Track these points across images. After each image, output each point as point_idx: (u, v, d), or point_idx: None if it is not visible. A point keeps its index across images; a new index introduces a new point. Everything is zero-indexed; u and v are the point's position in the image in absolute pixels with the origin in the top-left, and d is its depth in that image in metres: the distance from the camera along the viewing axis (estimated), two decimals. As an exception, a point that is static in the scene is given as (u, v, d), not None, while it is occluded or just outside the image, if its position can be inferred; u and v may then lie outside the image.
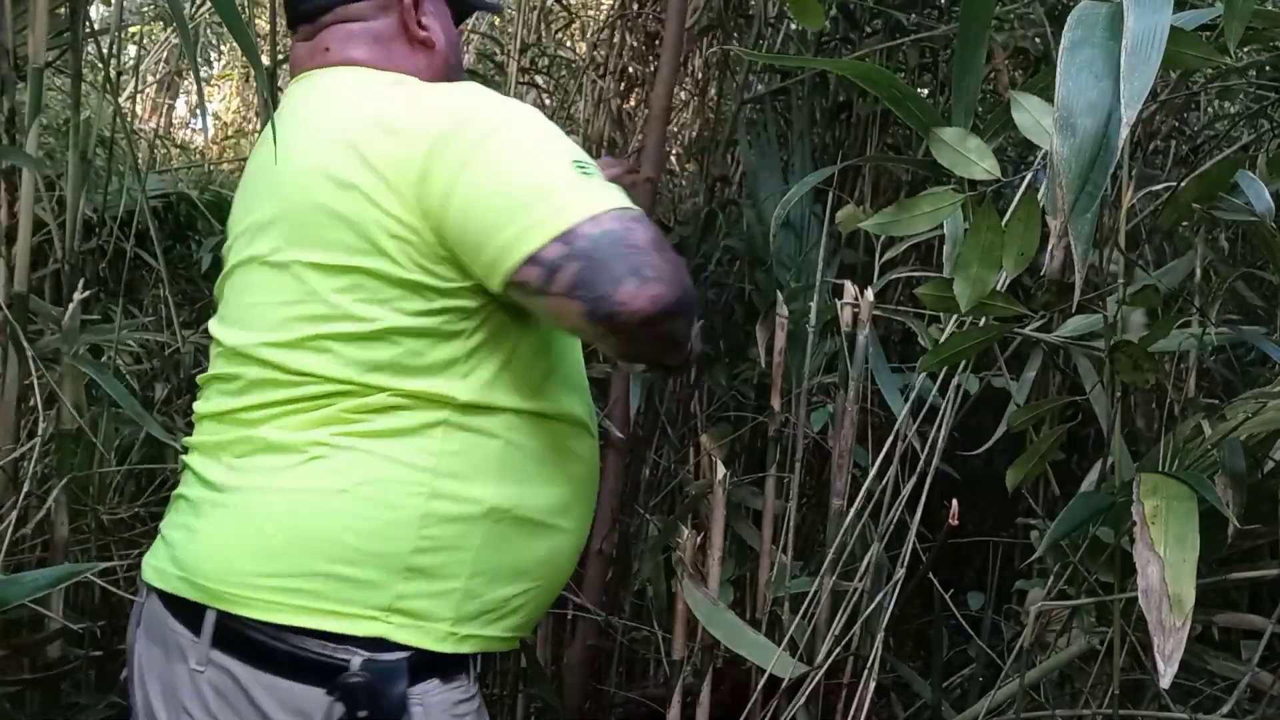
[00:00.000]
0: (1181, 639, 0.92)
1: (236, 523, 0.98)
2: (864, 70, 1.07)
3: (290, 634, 0.93)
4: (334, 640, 0.93)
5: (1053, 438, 1.37)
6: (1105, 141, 0.75)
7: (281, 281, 1.00)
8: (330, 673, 0.93)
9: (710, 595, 1.62)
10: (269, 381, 0.99)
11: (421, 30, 1.15)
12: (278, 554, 0.95)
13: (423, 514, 0.96)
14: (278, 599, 0.94)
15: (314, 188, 0.98)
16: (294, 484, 0.96)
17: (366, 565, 0.94)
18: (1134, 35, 0.72)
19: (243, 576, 0.95)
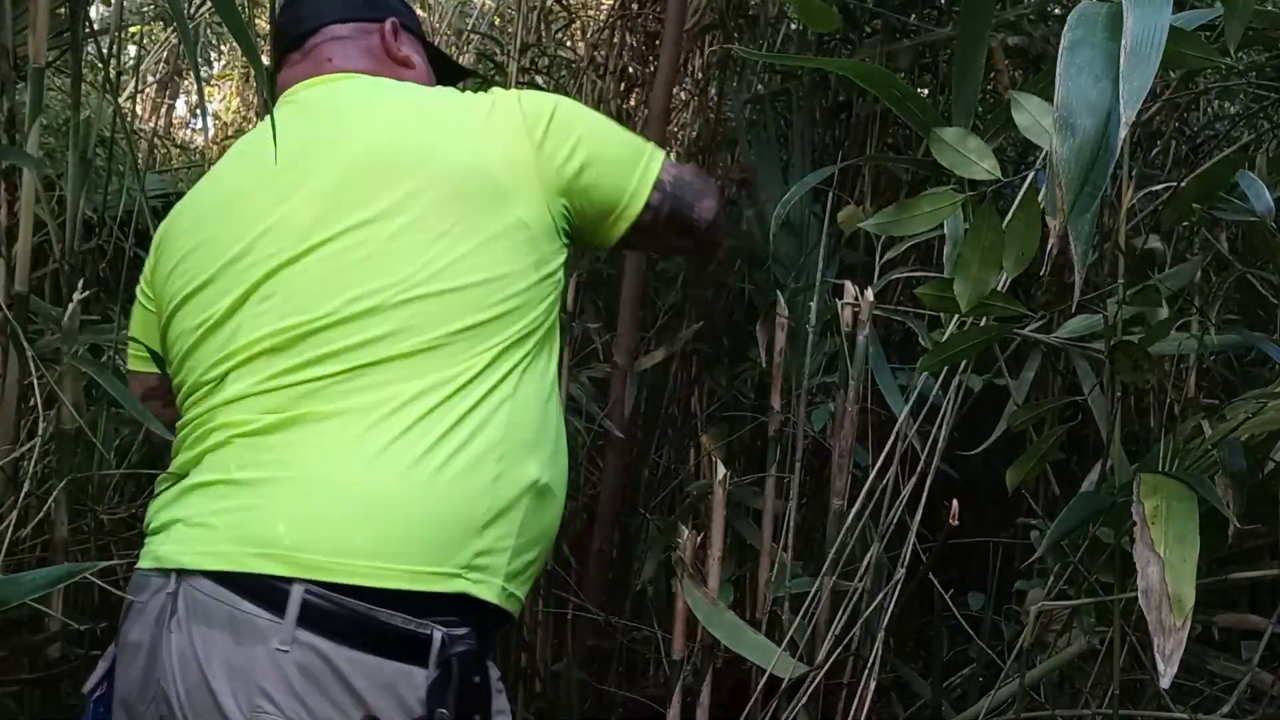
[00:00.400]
0: (1181, 639, 0.92)
1: (323, 493, 0.99)
2: (864, 70, 1.06)
3: (379, 607, 0.95)
4: (418, 614, 0.96)
5: (1053, 438, 1.37)
6: (1105, 141, 0.74)
7: (394, 244, 1.05)
8: (416, 646, 0.96)
9: (710, 595, 1.62)
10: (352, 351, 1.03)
11: (400, 51, 1.30)
12: (372, 519, 0.97)
13: (495, 477, 1.03)
14: (374, 564, 0.96)
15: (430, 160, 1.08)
16: (379, 451, 0.99)
17: (453, 527, 0.99)
18: (1133, 35, 0.72)
19: (337, 544, 0.96)
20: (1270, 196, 1.19)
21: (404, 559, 0.97)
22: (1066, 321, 1.44)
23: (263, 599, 0.96)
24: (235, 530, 1.00)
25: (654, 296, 2.56)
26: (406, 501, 0.98)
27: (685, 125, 3.10)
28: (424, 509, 0.99)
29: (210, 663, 0.96)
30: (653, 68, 2.81)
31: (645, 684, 2.34)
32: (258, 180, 1.14)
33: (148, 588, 1.05)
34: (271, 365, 1.05)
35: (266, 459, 1.02)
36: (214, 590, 0.98)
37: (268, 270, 1.09)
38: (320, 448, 1.00)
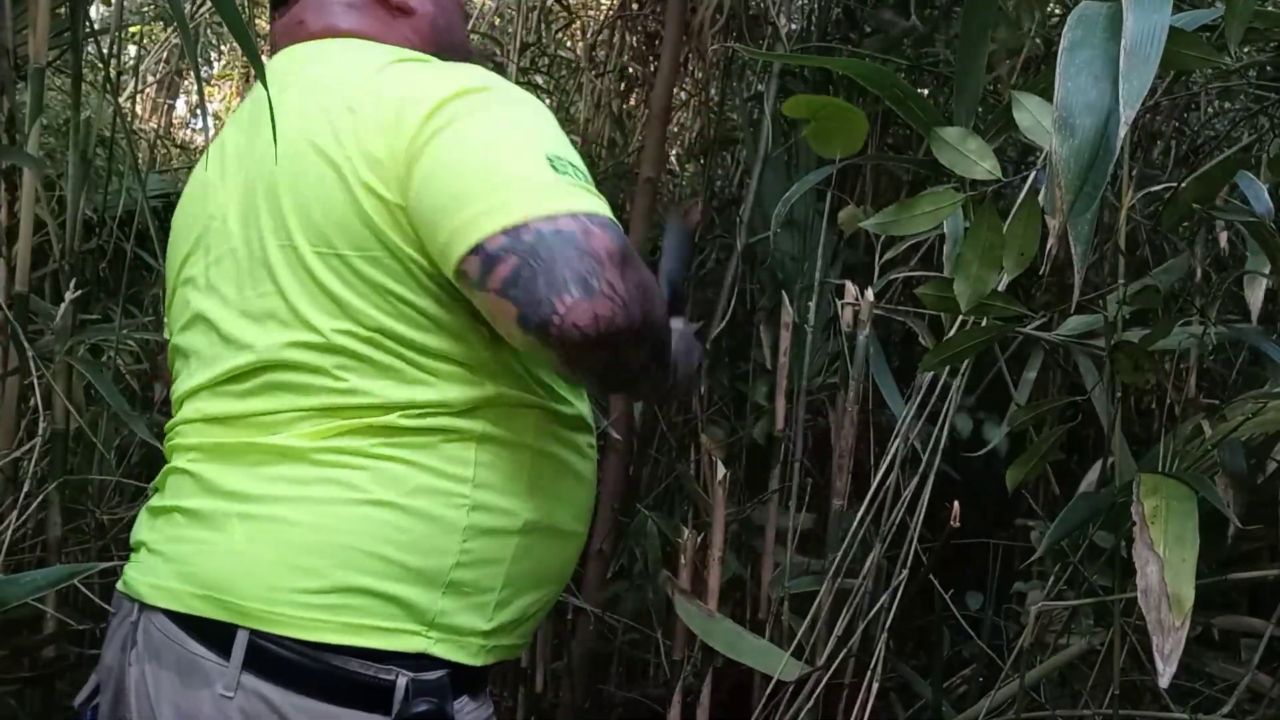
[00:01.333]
0: (1180, 638, 0.92)
1: (269, 536, 0.89)
2: (866, 70, 1.06)
3: (330, 654, 0.86)
4: (376, 659, 0.87)
5: (1053, 438, 1.37)
6: (1104, 142, 0.74)
7: (296, 272, 0.92)
8: (373, 694, 0.87)
9: (705, 608, 1.62)
10: (290, 385, 0.92)
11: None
12: (319, 569, 0.87)
13: (465, 526, 0.91)
14: (320, 617, 0.87)
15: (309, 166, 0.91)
16: (330, 495, 0.89)
17: (410, 580, 0.88)
18: (1133, 35, 0.72)
19: (280, 593, 0.87)
20: (1269, 197, 1.19)
21: (359, 613, 0.87)
22: (1066, 320, 1.44)
23: (210, 640, 0.89)
24: (183, 566, 0.92)
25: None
26: (363, 550, 0.88)
27: (685, 126, 3.10)
28: (381, 561, 0.88)
29: (160, 704, 0.91)
30: (653, 68, 2.81)
31: (645, 684, 2.34)
32: (217, 169, 1.03)
33: (119, 611, 0.99)
34: (209, 393, 0.97)
35: (213, 490, 0.94)
36: (165, 627, 0.91)
37: (207, 281, 0.99)
38: (279, 486, 0.91)
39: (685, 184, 3.17)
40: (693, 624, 1.60)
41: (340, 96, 0.93)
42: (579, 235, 0.80)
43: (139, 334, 2.14)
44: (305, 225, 0.91)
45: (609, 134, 2.91)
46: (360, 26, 1.06)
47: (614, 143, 2.92)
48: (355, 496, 0.89)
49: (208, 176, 1.04)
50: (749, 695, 1.76)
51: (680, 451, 2.45)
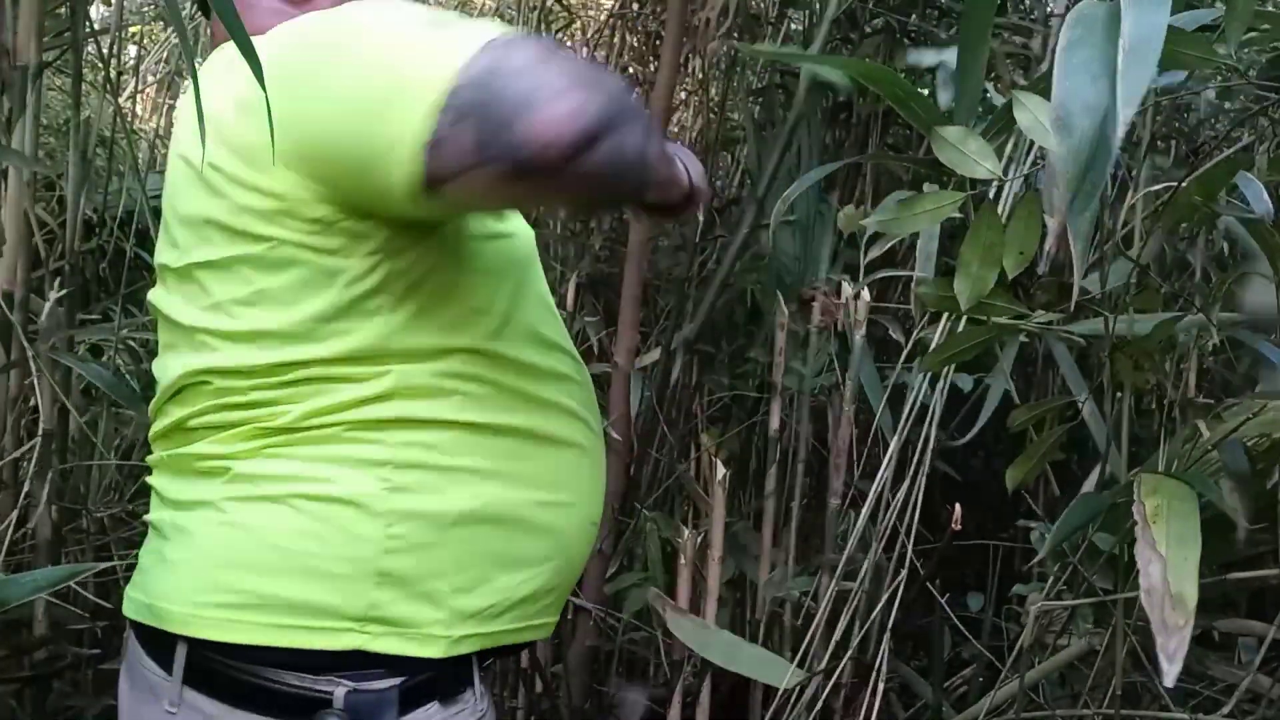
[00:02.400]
0: (1185, 638, 0.91)
1: (195, 542, 0.88)
2: (868, 70, 1.06)
3: (267, 667, 0.84)
4: (312, 670, 0.83)
5: (1053, 438, 1.37)
6: (1103, 141, 0.74)
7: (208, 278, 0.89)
8: (312, 708, 0.83)
9: (698, 621, 1.62)
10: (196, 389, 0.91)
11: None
12: (240, 571, 0.85)
13: (386, 511, 0.85)
14: (245, 618, 0.84)
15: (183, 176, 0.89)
16: (242, 499, 0.87)
17: (332, 576, 0.84)
18: (1131, 35, 0.72)
19: (208, 596, 0.85)
20: (1269, 197, 1.19)
21: (284, 613, 0.84)
22: (1068, 321, 1.44)
23: (156, 655, 0.88)
24: (144, 576, 0.92)
25: (654, 296, 2.56)
26: (282, 548, 0.85)
27: (686, 127, 3.10)
28: (301, 557, 0.85)
29: (123, 717, 0.92)
30: (653, 67, 2.81)
31: (645, 684, 2.34)
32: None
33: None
34: (159, 401, 0.96)
35: (161, 501, 0.94)
36: (133, 643, 0.92)
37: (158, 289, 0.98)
38: (199, 490, 0.90)
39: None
40: (687, 639, 1.59)
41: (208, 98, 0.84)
42: (493, 62, 0.70)
43: (139, 334, 2.14)
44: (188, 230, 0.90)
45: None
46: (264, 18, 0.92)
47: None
48: (262, 494, 0.86)
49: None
50: (749, 695, 1.76)
51: (680, 451, 2.45)
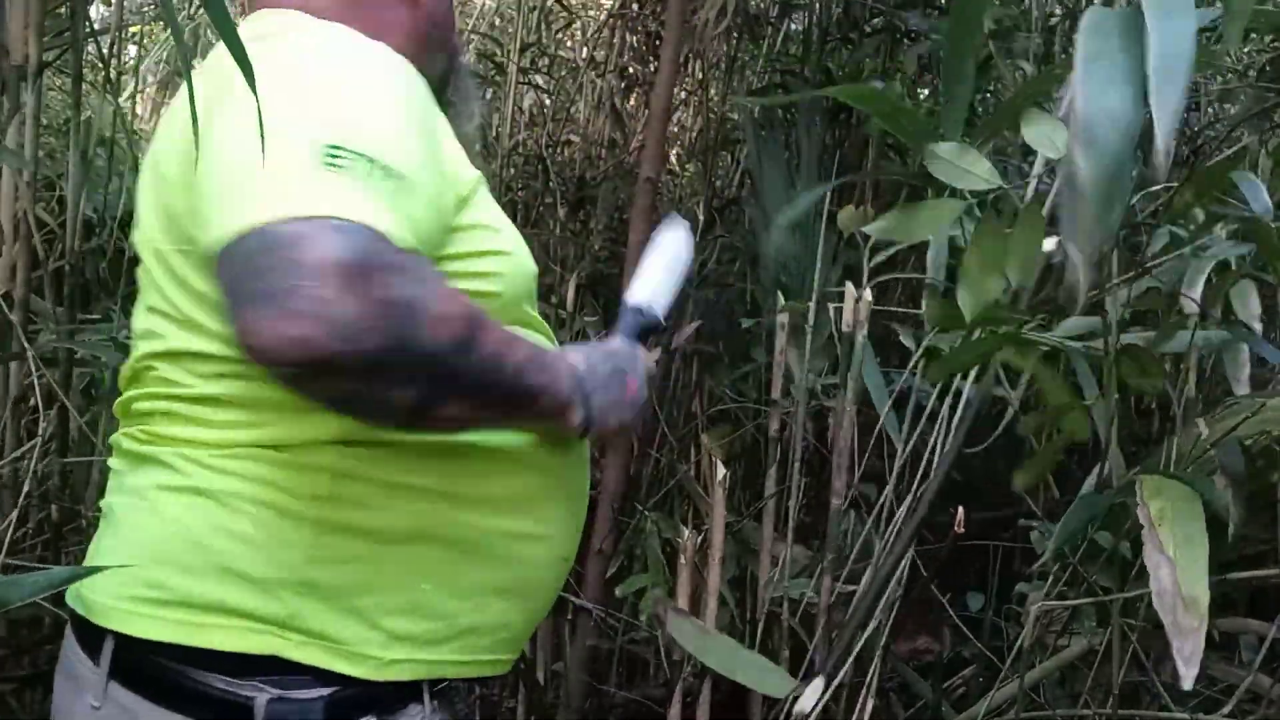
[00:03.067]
0: (1200, 640, 0.91)
1: (122, 532, 0.87)
2: (856, 92, 1.06)
3: (192, 667, 0.81)
4: (235, 674, 0.81)
5: (1059, 441, 1.37)
6: (1128, 155, 0.72)
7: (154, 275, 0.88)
8: (232, 711, 0.81)
9: (698, 624, 1.62)
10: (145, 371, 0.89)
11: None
12: (161, 565, 0.83)
13: (315, 519, 0.82)
14: (164, 614, 0.81)
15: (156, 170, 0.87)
16: (171, 485, 0.84)
17: (251, 578, 0.81)
18: (1159, 52, 0.68)
19: (130, 589, 0.83)
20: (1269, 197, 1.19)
21: (202, 611, 0.81)
22: (1063, 321, 1.44)
23: (87, 645, 0.86)
24: (86, 565, 0.89)
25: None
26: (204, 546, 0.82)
27: (686, 128, 3.10)
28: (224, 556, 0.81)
29: (57, 713, 0.91)
30: (653, 67, 2.81)
31: (645, 684, 2.34)
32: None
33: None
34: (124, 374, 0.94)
35: (110, 483, 0.93)
36: (68, 635, 0.90)
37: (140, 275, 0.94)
38: (127, 481, 0.89)
39: (685, 184, 3.17)
40: (687, 643, 1.60)
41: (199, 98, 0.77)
42: (291, 238, 0.66)
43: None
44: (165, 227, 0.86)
45: (609, 134, 2.91)
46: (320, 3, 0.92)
47: (614, 142, 2.92)
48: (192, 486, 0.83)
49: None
50: (749, 695, 1.76)
51: (680, 452, 2.45)
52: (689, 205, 2.86)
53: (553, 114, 3.01)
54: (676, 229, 1.13)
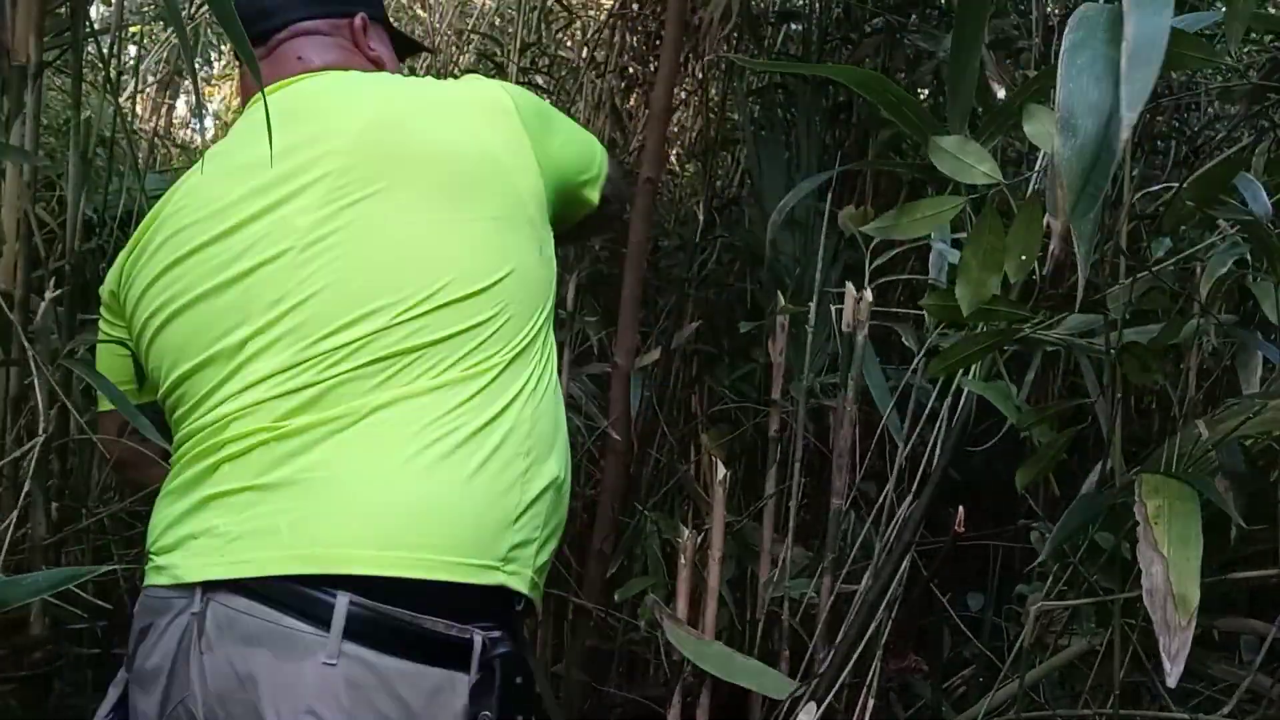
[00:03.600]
0: (1187, 638, 0.92)
1: (375, 490, 0.98)
2: (861, 77, 1.06)
3: (422, 614, 0.95)
4: (459, 619, 0.96)
5: (1062, 440, 1.37)
6: (1106, 143, 0.74)
7: (409, 241, 1.05)
8: (458, 651, 0.96)
9: (695, 632, 1.62)
10: (389, 348, 1.02)
11: (370, 50, 1.27)
12: (413, 514, 0.97)
13: (523, 472, 1.04)
14: (419, 555, 0.95)
15: (429, 148, 1.09)
16: (414, 449, 0.99)
17: (489, 521, 1.00)
18: (1134, 38, 0.72)
19: (380, 539, 0.95)
20: (1268, 198, 1.19)
21: (447, 551, 0.97)
22: (1065, 319, 1.44)
23: (304, 613, 0.94)
24: (271, 535, 0.97)
25: (654, 296, 2.56)
26: (446, 496, 0.99)
27: (685, 128, 3.10)
28: (463, 503, 0.99)
29: (254, 681, 0.94)
30: (653, 67, 2.81)
31: (645, 684, 2.34)
32: (245, 188, 1.09)
33: (168, 610, 1.01)
34: (291, 372, 1.02)
35: (296, 463, 0.99)
36: (249, 606, 0.95)
37: (272, 276, 1.05)
38: (351, 448, 0.99)
39: (685, 184, 3.17)
40: (684, 649, 1.60)
41: (424, 101, 1.14)
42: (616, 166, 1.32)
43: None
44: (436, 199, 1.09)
45: (609, 134, 2.91)
46: (354, 66, 1.23)
47: (614, 142, 2.92)
48: (442, 450, 1.00)
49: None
50: (749, 695, 1.76)
51: (680, 452, 2.45)
52: (689, 205, 2.86)
53: (553, 114, 3.00)
54: None
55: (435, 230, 1.06)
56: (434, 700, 0.95)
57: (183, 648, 0.98)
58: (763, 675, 1.60)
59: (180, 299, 1.11)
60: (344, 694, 0.92)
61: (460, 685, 0.96)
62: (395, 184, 1.06)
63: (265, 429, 1.02)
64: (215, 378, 1.07)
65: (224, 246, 1.09)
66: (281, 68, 1.21)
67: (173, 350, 1.12)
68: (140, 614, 1.05)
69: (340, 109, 1.12)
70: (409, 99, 1.13)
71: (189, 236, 1.12)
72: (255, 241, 1.07)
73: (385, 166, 1.06)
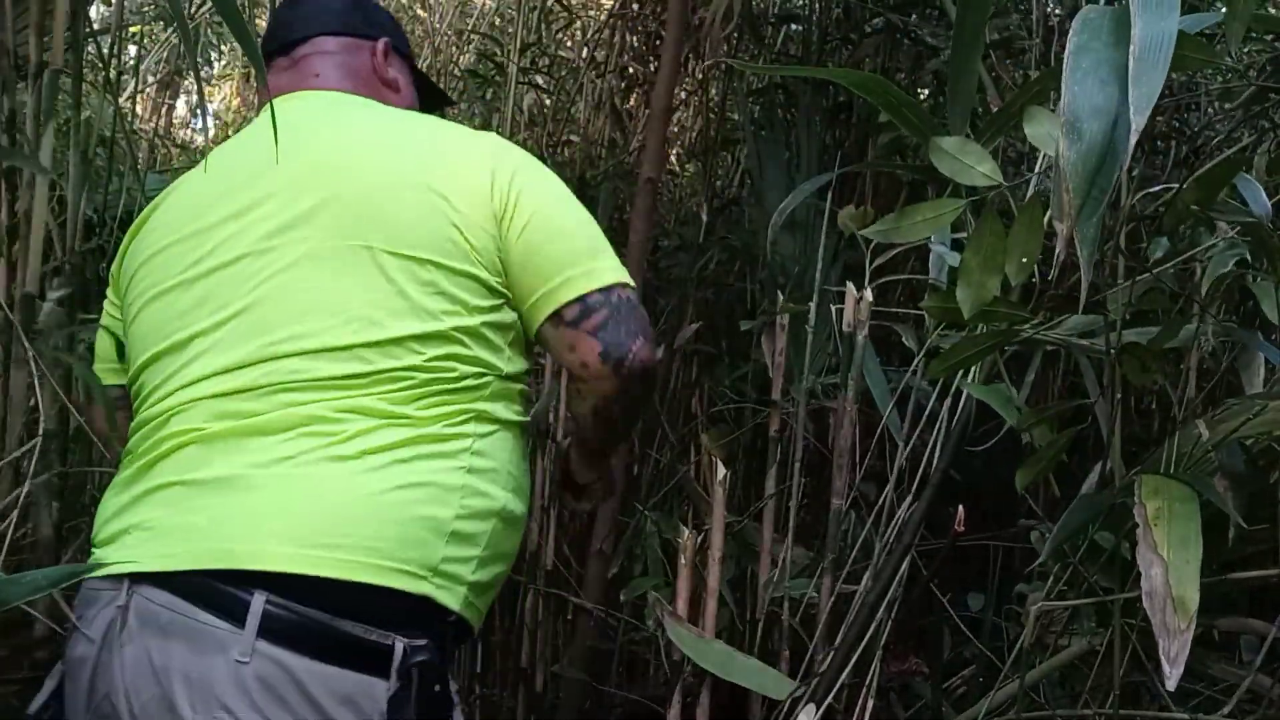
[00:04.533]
0: (1186, 641, 0.92)
1: (300, 492, 0.98)
2: (861, 79, 1.06)
3: (341, 618, 0.94)
4: (379, 624, 0.95)
5: (1062, 440, 1.37)
6: (1111, 146, 0.74)
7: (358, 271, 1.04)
8: (377, 657, 0.95)
9: (696, 630, 1.62)
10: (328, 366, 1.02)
11: (389, 74, 1.29)
12: (339, 515, 0.96)
13: (462, 485, 1.03)
14: (345, 556, 0.95)
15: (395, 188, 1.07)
16: (345, 455, 0.99)
17: (419, 527, 0.99)
18: (1141, 41, 0.71)
19: (303, 537, 0.95)
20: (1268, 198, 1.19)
21: (369, 554, 0.96)
22: (1066, 320, 1.44)
23: (221, 609, 0.94)
24: (193, 531, 0.98)
25: (654, 296, 2.56)
26: (370, 501, 0.98)
27: (686, 128, 3.10)
28: (388, 509, 0.98)
29: (168, 674, 0.94)
30: (653, 67, 2.81)
31: (645, 684, 2.34)
32: (223, 190, 1.13)
33: (96, 602, 1.02)
34: (231, 374, 1.04)
35: (223, 461, 1.00)
36: (169, 601, 0.96)
37: (229, 278, 1.08)
38: (279, 450, 0.99)
39: (685, 184, 3.17)
40: (685, 647, 1.60)
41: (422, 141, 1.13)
42: (636, 300, 1.11)
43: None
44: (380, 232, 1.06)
45: (609, 134, 2.91)
46: (366, 92, 1.25)
47: (614, 142, 2.92)
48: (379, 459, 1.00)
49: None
50: (749, 695, 1.76)
51: (680, 452, 2.45)
52: (689, 205, 2.86)
53: (553, 114, 3.01)
54: None
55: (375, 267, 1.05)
56: (348, 704, 0.94)
57: (108, 639, 0.99)
58: (762, 675, 1.60)
59: (153, 289, 1.14)
60: (256, 692, 0.92)
61: (378, 691, 0.95)
62: (349, 213, 1.06)
63: (199, 426, 1.03)
64: (165, 371, 1.09)
65: (195, 244, 1.11)
66: (299, 80, 1.25)
67: (140, 337, 1.15)
68: (77, 605, 1.06)
69: (313, 129, 1.15)
70: (383, 132, 1.14)
71: (172, 229, 1.15)
72: (220, 243, 1.10)
73: (343, 194, 1.07)
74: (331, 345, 1.03)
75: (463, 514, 1.03)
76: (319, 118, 1.18)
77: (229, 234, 1.09)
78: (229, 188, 1.12)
